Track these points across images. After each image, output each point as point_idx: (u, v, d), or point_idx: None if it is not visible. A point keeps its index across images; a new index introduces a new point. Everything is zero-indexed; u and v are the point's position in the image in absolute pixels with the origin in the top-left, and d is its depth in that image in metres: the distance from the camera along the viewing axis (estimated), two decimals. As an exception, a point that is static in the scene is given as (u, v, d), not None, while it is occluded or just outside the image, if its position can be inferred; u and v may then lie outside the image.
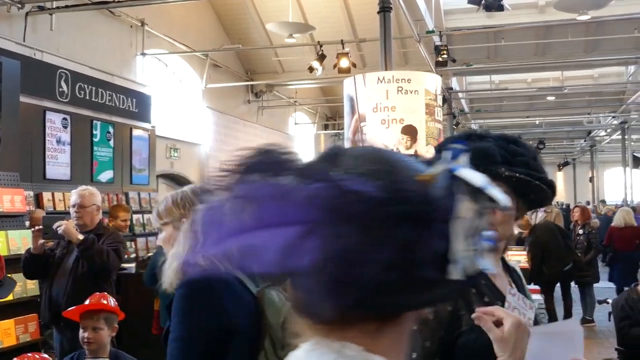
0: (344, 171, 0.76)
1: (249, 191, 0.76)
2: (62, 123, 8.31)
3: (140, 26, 10.67)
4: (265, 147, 0.81)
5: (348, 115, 6.69)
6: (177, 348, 1.92)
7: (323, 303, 0.75)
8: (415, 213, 0.74)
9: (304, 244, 0.73)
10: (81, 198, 4.12)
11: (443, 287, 0.77)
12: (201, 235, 0.80)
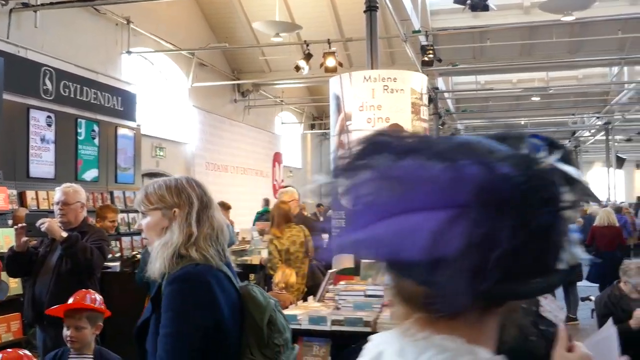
0: (488, 157, 0.75)
1: (398, 174, 0.75)
2: (46, 121, 8.24)
3: (125, 24, 10.61)
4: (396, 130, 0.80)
5: (334, 114, 6.69)
6: (171, 344, 1.91)
7: (455, 292, 0.72)
8: (553, 199, 0.74)
9: (452, 229, 0.71)
10: (65, 195, 4.08)
11: (555, 276, 0.76)
12: (348, 219, 0.78)
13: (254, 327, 2.04)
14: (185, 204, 2.08)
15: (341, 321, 3.88)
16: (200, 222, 2.06)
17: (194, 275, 1.96)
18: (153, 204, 2.10)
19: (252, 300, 2.09)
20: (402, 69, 8.47)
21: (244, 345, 2.03)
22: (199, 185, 2.17)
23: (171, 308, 1.94)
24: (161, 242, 2.04)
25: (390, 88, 6.40)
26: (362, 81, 6.44)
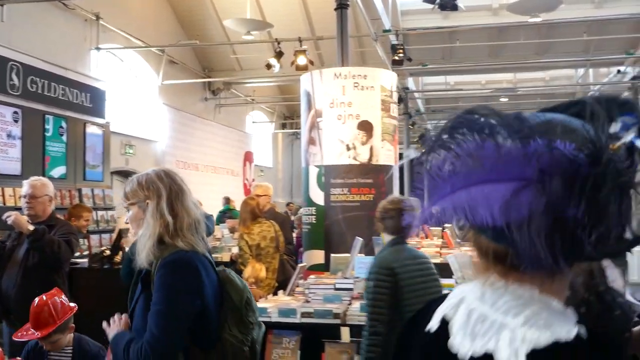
0: (552, 135, 0.84)
1: (477, 152, 0.85)
2: (12, 117, 8.12)
3: (95, 20, 10.50)
4: (474, 108, 0.90)
5: (305, 111, 6.73)
6: (162, 320, 2.09)
7: (528, 251, 0.83)
8: (614, 177, 0.82)
9: (519, 198, 0.82)
10: (32, 188, 4.04)
11: (622, 242, 0.85)
12: (429, 190, 0.90)
13: (233, 307, 2.26)
14: (154, 195, 2.22)
15: (311, 313, 3.91)
16: (173, 210, 2.21)
17: (183, 262, 2.15)
18: (130, 199, 2.29)
19: (231, 283, 2.31)
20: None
21: (222, 323, 2.23)
22: (169, 175, 2.29)
23: (163, 289, 2.11)
24: (141, 234, 2.23)
25: (361, 85, 6.46)
26: (332, 78, 6.48)
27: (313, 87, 6.63)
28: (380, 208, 3.55)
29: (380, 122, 6.49)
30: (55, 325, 2.96)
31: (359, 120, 6.41)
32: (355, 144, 6.41)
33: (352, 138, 6.40)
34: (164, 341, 2.08)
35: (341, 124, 6.43)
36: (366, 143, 6.44)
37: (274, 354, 4.00)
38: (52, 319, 2.96)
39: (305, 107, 6.72)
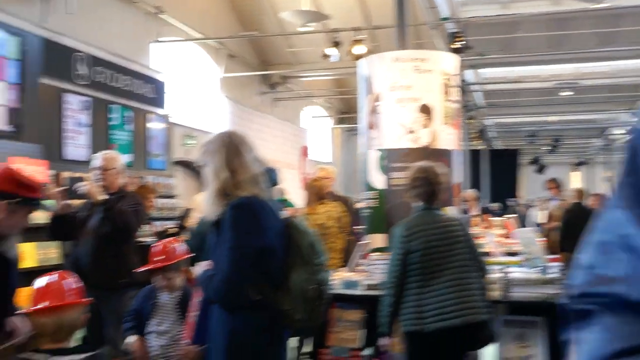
0: None
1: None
2: (80, 106, 8.40)
3: (156, 13, 10.76)
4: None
5: (363, 96, 6.72)
6: (232, 255, 2.32)
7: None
8: None
9: None
10: (104, 161, 4.20)
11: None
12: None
13: (298, 250, 2.46)
14: (215, 154, 2.50)
15: (374, 285, 3.90)
16: (232, 166, 2.43)
17: (246, 205, 2.41)
18: (201, 160, 2.58)
19: (295, 228, 2.53)
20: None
21: (289, 265, 2.43)
22: (229, 135, 2.57)
23: (230, 228, 2.37)
24: (207, 190, 2.50)
25: (421, 68, 6.40)
26: (392, 62, 6.45)
27: (372, 71, 6.61)
28: (409, 177, 3.71)
29: (441, 105, 6.42)
30: (171, 261, 3.27)
31: (419, 103, 6.36)
32: (416, 128, 6.36)
33: (413, 121, 6.35)
34: (234, 275, 2.31)
35: (401, 107, 6.39)
36: (427, 126, 6.39)
37: (336, 327, 4.01)
38: (171, 256, 3.30)
39: (364, 92, 6.71)
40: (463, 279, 3.40)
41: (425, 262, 3.39)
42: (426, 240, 3.43)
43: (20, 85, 5.61)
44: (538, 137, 25.04)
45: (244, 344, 2.35)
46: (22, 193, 2.52)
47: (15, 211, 2.52)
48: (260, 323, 2.37)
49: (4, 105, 5.44)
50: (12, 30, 5.60)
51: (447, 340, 3.38)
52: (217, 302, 2.39)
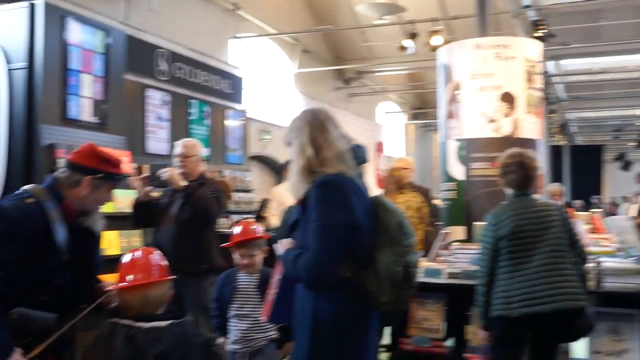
0: None
1: None
2: (161, 101, 8.61)
3: (233, 10, 10.92)
4: None
5: (442, 85, 6.56)
6: (320, 233, 2.27)
7: None
8: None
9: None
10: (185, 148, 4.26)
11: None
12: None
13: (386, 230, 2.37)
14: (298, 133, 2.45)
15: (457, 274, 3.78)
16: (316, 144, 2.39)
17: (332, 182, 2.34)
18: (287, 140, 2.55)
19: (382, 207, 2.44)
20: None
21: (376, 244, 2.35)
22: (313, 113, 2.51)
23: (317, 206, 2.32)
24: (292, 170, 2.47)
25: (503, 55, 6.18)
26: (473, 49, 6.27)
27: (451, 59, 6.45)
28: (501, 163, 3.61)
29: (524, 93, 6.19)
30: (251, 236, 3.34)
31: (501, 91, 6.15)
32: (498, 117, 6.16)
33: (494, 110, 6.15)
34: (324, 252, 2.26)
35: (482, 96, 6.20)
36: (509, 115, 6.17)
37: (418, 316, 3.91)
38: (250, 232, 3.38)
39: (443, 81, 6.55)
40: (556, 264, 3.26)
41: (515, 246, 3.32)
42: (516, 225, 3.35)
43: (105, 78, 5.77)
44: (623, 132, 23.93)
45: (330, 322, 2.30)
46: (104, 168, 2.55)
47: (98, 186, 2.54)
48: (347, 302, 2.31)
49: (90, 97, 5.60)
50: (97, 25, 5.77)
51: (538, 328, 3.27)
52: (306, 280, 2.34)
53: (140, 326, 2.05)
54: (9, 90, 5.15)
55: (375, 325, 2.46)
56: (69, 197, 2.49)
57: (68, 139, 5.19)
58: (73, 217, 2.50)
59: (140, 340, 2.00)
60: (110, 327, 2.06)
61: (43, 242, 2.37)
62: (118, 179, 2.62)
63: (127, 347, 1.97)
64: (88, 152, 2.58)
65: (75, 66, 5.45)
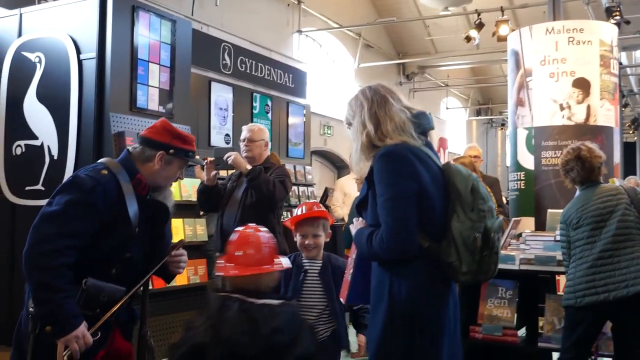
0: None
1: None
2: (225, 94, 8.69)
3: (296, 4, 10.93)
4: None
5: (512, 72, 6.36)
6: (389, 206, 2.19)
7: None
8: None
9: None
10: (251, 132, 4.25)
11: None
12: None
13: (458, 195, 2.25)
14: (358, 109, 2.40)
15: (531, 260, 3.62)
16: (376, 117, 2.32)
17: (393, 152, 2.26)
18: (347, 121, 2.48)
19: (453, 172, 2.31)
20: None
21: (451, 212, 2.25)
22: (372, 88, 2.45)
23: (381, 179, 2.24)
24: (353, 149, 2.40)
25: (577, 39, 5.93)
26: (544, 34, 6.04)
27: (522, 45, 6.23)
28: (561, 163, 3.63)
29: (599, 79, 5.92)
30: (323, 215, 3.25)
31: (575, 77, 5.90)
32: (570, 103, 5.91)
33: (567, 97, 5.91)
34: (397, 224, 2.17)
35: (554, 82, 5.96)
36: (582, 102, 5.91)
37: (488, 303, 3.77)
38: (313, 210, 3.29)
39: (513, 68, 6.34)
40: (619, 249, 3.23)
41: (579, 235, 3.36)
42: (579, 216, 3.39)
43: (172, 69, 5.84)
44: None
45: (407, 299, 2.20)
46: (176, 144, 2.54)
47: (170, 162, 2.53)
48: (424, 277, 2.21)
49: (158, 87, 5.68)
50: (165, 16, 5.84)
51: (611, 315, 3.26)
52: (383, 256, 2.22)
53: (252, 301, 1.98)
54: (80, 80, 5.27)
55: (455, 300, 2.34)
56: (142, 172, 2.50)
57: (136, 128, 5.27)
58: (145, 191, 2.50)
59: (255, 314, 1.93)
60: (221, 300, 1.99)
61: (115, 214, 2.38)
62: (189, 156, 2.59)
63: (241, 319, 1.90)
64: (161, 127, 2.58)
65: (143, 56, 5.54)
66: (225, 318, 1.92)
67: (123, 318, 2.51)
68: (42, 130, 5.40)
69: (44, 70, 5.44)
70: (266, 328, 1.90)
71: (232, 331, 1.89)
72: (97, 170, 2.43)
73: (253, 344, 1.87)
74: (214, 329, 1.90)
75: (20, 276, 5.31)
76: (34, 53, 5.51)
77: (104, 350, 2.41)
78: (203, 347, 1.88)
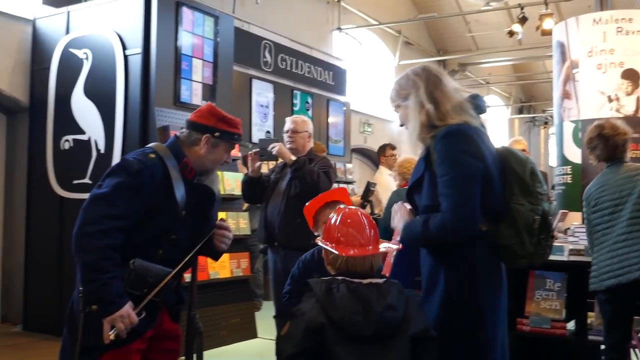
0: None
1: None
2: (266, 91, 8.74)
3: (336, 2, 10.93)
4: None
5: (557, 64, 6.25)
6: (453, 184, 2.14)
7: None
8: None
9: None
10: (294, 124, 4.25)
11: None
12: None
13: (517, 178, 2.24)
14: (413, 88, 2.34)
15: (580, 250, 3.54)
16: (433, 98, 2.29)
17: (457, 131, 2.22)
18: (395, 101, 2.43)
19: (512, 156, 2.30)
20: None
21: (510, 194, 2.22)
22: (425, 69, 2.40)
23: (445, 158, 2.18)
24: (409, 129, 2.35)
25: (625, 30, 5.79)
26: (591, 24, 5.91)
27: (568, 36, 6.11)
28: (586, 140, 3.64)
29: (649, 70, 5.77)
30: (344, 199, 3.15)
31: (623, 68, 5.77)
32: (619, 95, 5.77)
33: (615, 89, 5.78)
34: (462, 203, 2.12)
35: (601, 73, 5.83)
36: (632, 93, 5.77)
37: (536, 295, 3.70)
38: (346, 197, 3.22)
39: (559, 59, 6.23)
40: (633, 232, 3.23)
41: (599, 219, 3.39)
42: (597, 197, 3.43)
43: (214, 64, 5.90)
44: None
45: (464, 282, 2.16)
46: (222, 127, 2.54)
47: (216, 145, 2.53)
48: (481, 260, 2.18)
49: (201, 82, 5.74)
50: (208, 12, 5.90)
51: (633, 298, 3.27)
52: (445, 238, 2.15)
53: (359, 282, 1.95)
54: (126, 75, 5.36)
55: (505, 290, 2.30)
56: (189, 156, 2.51)
57: (180, 122, 5.33)
58: (192, 175, 2.52)
59: (364, 293, 1.90)
60: (326, 284, 1.95)
61: (162, 197, 2.39)
62: (235, 139, 2.59)
63: (352, 300, 1.87)
64: (207, 111, 2.59)
65: (187, 52, 5.60)
66: (335, 300, 1.88)
67: (171, 300, 2.52)
68: (89, 125, 5.52)
69: (91, 66, 5.56)
70: (378, 306, 1.87)
71: (344, 312, 1.86)
72: (145, 154, 2.46)
73: (367, 323, 1.85)
74: (325, 311, 1.87)
75: (69, 269, 5.45)
76: (81, 50, 5.64)
77: (153, 331, 2.43)
78: (319, 328, 1.85)
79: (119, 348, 2.27)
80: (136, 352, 2.37)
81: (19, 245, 6.06)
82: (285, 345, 1.87)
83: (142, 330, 2.35)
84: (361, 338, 1.85)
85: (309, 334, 1.84)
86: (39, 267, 5.81)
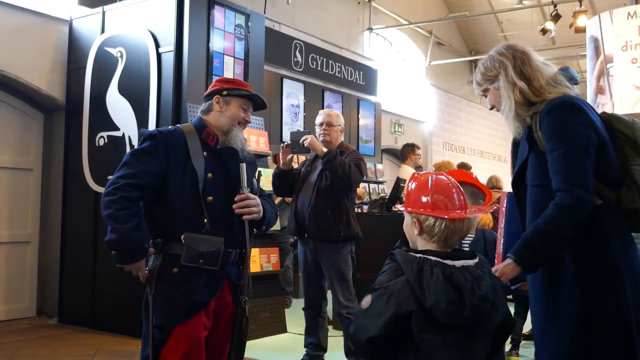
0: None
1: None
2: (296, 91, 8.78)
3: (367, 2, 10.94)
4: None
5: (591, 59, 6.17)
6: (566, 159, 2.06)
7: None
8: None
9: None
10: (328, 117, 4.30)
11: None
12: None
13: (628, 140, 2.18)
14: (501, 68, 2.29)
15: None
16: (524, 75, 2.23)
17: (563, 102, 2.14)
18: (482, 84, 2.39)
19: (617, 120, 2.23)
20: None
21: (622, 157, 2.16)
22: (509, 46, 2.35)
23: (555, 132, 2.11)
24: (501, 110, 2.31)
25: (661, 23, 5.70)
26: (625, 18, 5.83)
27: (601, 31, 6.03)
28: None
29: (686, 64, 5.66)
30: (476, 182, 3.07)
31: (659, 62, 5.67)
32: (655, 90, 5.68)
33: (651, 83, 5.68)
34: (578, 178, 2.04)
35: (636, 68, 5.75)
36: (668, 88, 5.67)
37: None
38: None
39: (592, 55, 6.15)
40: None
41: None
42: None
43: (245, 61, 5.96)
44: None
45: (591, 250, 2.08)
46: (227, 86, 2.74)
47: (228, 102, 2.70)
48: (613, 228, 2.10)
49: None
50: (240, 10, 5.97)
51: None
52: (563, 220, 2.04)
53: (453, 264, 1.79)
54: (159, 73, 5.45)
55: None
56: (209, 123, 2.69)
57: (212, 118, 5.40)
58: (214, 142, 2.66)
59: (460, 281, 1.75)
60: (419, 263, 1.78)
61: (182, 160, 2.55)
62: (244, 94, 2.72)
63: (447, 287, 1.73)
64: (214, 81, 2.84)
65: (218, 49, 5.67)
66: (428, 285, 1.74)
67: (233, 274, 2.63)
68: (123, 121, 5.62)
69: (125, 64, 5.67)
70: (474, 298, 1.74)
71: (437, 300, 1.72)
72: (166, 127, 2.72)
73: (461, 313, 1.72)
74: (416, 296, 1.74)
75: (103, 263, 5.55)
76: (115, 48, 5.75)
77: (215, 302, 2.57)
78: (408, 315, 1.72)
79: (187, 321, 2.46)
80: (204, 328, 2.52)
81: (55, 241, 6.19)
82: (368, 322, 1.74)
83: (206, 299, 2.52)
84: (451, 327, 1.74)
85: (397, 320, 1.72)
86: (74, 261, 5.93)
